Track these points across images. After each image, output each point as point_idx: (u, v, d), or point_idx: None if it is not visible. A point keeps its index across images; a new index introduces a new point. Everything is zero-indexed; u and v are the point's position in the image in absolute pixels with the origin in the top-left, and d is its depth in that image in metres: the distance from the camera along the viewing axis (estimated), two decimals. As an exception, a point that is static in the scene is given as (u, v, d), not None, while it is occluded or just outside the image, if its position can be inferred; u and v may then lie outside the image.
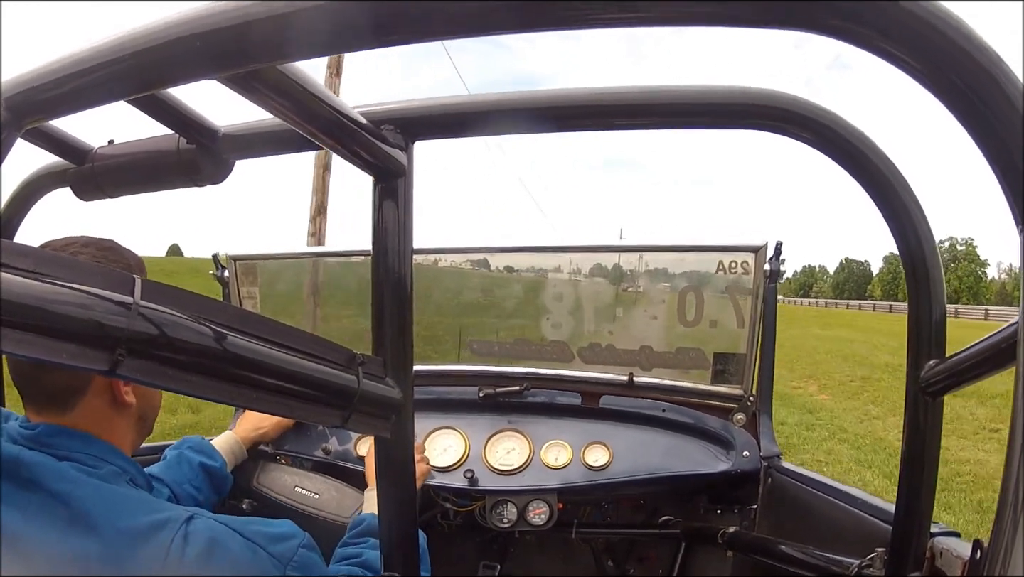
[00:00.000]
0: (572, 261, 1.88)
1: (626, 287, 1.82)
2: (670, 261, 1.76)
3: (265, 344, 0.49)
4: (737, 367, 1.63)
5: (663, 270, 1.78)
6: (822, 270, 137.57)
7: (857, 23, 0.39)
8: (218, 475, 1.33)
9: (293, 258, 2.02)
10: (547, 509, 1.56)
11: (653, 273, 1.79)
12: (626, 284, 1.82)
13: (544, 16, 0.43)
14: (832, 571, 1.07)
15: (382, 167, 0.68)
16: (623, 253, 1.82)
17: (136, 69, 0.48)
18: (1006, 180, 0.41)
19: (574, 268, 1.87)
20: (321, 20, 0.43)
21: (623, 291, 1.82)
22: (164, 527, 0.71)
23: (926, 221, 0.73)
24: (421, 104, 0.72)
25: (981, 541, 0.80)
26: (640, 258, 1.79)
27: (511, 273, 2.01)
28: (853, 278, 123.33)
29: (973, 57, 0.39)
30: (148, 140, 0.81)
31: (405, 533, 0.74)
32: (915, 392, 0.79)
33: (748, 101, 0.68)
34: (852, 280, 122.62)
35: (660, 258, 1.77)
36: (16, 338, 0.37)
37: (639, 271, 1.80)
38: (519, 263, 2.00)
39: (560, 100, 0.71)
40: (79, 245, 0.82)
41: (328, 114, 0.61)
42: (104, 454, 0.78)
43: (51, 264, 0.40)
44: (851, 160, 0.70)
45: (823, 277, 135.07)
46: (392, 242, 0.68)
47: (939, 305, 0.76)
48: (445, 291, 1.97)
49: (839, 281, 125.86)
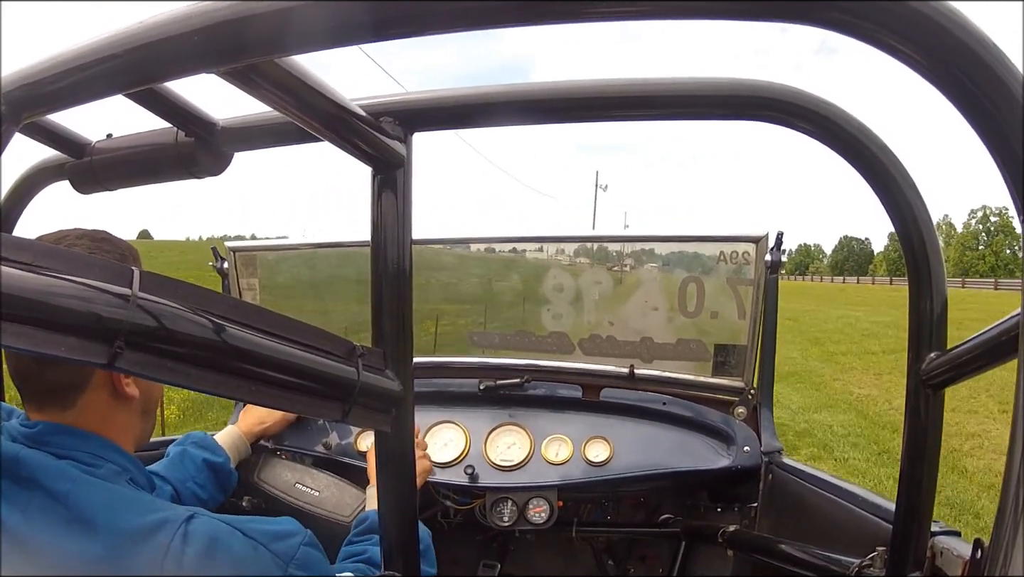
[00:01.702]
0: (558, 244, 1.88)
1: (611, 266, 1.82)
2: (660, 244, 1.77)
3: (265, 336, 0.49)
4: (738, 359, 1.63)
5: (649, 250, 1.79)
6: (817, 249, 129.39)
7: (859, 17, 0.39)
8: (222, 472, 1.32)
9: (293, 249, 2.02)
10: (547, 507, 1.56)
11: (638, 254, 1.80)
12: (611, 263, 1.82)
13: (541, 11, 0.43)
14: (832, 571, 1.07)
15: (381, 159, 0.68)
16: (626, 244, 1.81)
17: (134, 63, 0.47)
18: (1008, 170, 0.41)
19: (558, 248, 1.87)
20: (319, 14, 0.43)
21: (609, 270, 1.82)
22: (163, 527, 0.70)
23: (927, 214, 0.73)
24: (420, 96, 0.72)
25: (982, 540, 0.80)
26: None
27: (490, 254, 2.01)
28: (853, 257, 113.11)
29: (974, 50, 0.39)
30: (146, 133, 0.81)
31: (405, 529, 0.74)
32: (916, 384, 0.79)
33: (749, 93, 0.68)
34: (852, 259, 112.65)
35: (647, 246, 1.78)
36: (15, 332, 0.37)
37: (624, 252, 1.81)
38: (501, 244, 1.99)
39: (561, 92, 0.71)
40: (73, 237, 0.81)
41: (326, 106, 0.61)
42: (104, 452, 0.77)
43: (50, 257, 0.40)
44: (853, 152, 0.70)
45: (819, 256, 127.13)
46: (391, 233, 0.68)
47: (940, 297, 0.76)
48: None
49: (838, 260, 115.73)
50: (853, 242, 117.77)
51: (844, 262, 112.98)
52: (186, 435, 1.34)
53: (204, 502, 1.25)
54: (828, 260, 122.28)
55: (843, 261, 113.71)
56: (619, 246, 1.80)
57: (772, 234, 1.54)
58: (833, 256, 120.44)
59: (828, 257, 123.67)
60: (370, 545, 0.97)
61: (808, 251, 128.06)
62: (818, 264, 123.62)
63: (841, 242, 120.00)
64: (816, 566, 1.13)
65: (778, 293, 1.58)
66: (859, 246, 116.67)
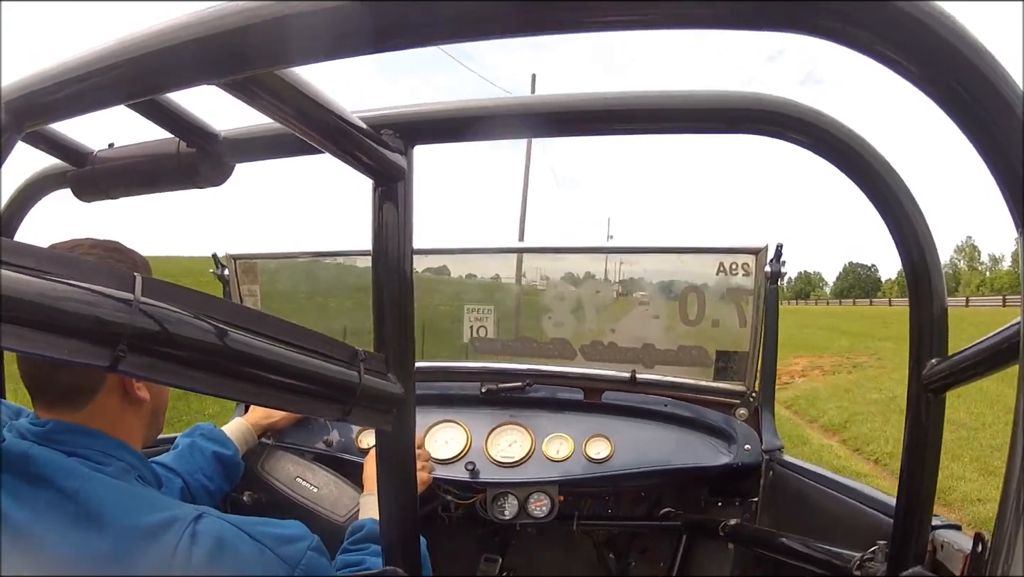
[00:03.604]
0: (539, 269, 1.91)
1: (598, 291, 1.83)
2: (646, 271, 1.79)
3: (267, 340, 0.50)
4: (739, 364, 1.64)
5: (639, 280, 1.80)
6: (817, 276, 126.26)
7: (856, 27, 0.39)
8: (231, 464, 1.34)
9: (293, 257, 2.03)
10: (548, 501, 1.56)
11: (627, 283, 1.81)
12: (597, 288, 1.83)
13: (543, 19, 0.43)
14: (833, 564, 1.07)
15: (382, 171, 0.68)
16: (624, 255, 1.82)
17: (136, 74, 0.48)
18: (1006, 183, 0.41)
19: (541, 276, 1.90)
20: (320, 25, 0.43)
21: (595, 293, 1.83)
22: (172, 526, 0.71)
23: (924, 220, 0.74)
24: (421, 108, 0.73)
25: (982, 534, 0.80)
26: (619, 265, 1.82)
27: (471, 280, 2.02)
28: (860, 284, 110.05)
29: (972, 62, 0.39)
30: (148, 144, 0.81)
31: (406, 529, 0.75)
32: (917, 389, 0.80)
33: (745, 106, 0.68)
34: (859, 287, 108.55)
35: (636, 269, 1.80)
36: (18, 334, 0.38)
37: (614, 281, 1.83)
38: (482, 270, 2.01)
39: (558, 105, 0.71)
40: (86, 247, 0.82)
41: (327, 119, 0.61)
42: (113, 450, 0.78)
43: (52, 262, 0.40)
44: (848, 163, 0.70)
45: (820, 284, 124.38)
46: (392, 244, 0.69)
47: (940, 304, 0.77)
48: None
49: (843, 288, 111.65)
50: (859, 268, 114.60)
51: (849, 290, 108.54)
52: (194, 426, 1.36)
53: (211, 493, 1.27)
54: (831, 288, 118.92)
55: (848, 289, 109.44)
56: (604, 271, 1.81)
57: (772, 246, 1.55)
58: (838, 283, 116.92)
59: (831, 285, 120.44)
60: (367, 555, 0.96)
61: (808, 279, 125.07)
62: (819, 292, 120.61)
63: (846, 269, 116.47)
64: (817, 560, 1.13)
65: (778, 302, 1.59)
66: (865, 272, 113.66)
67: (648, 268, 1.79)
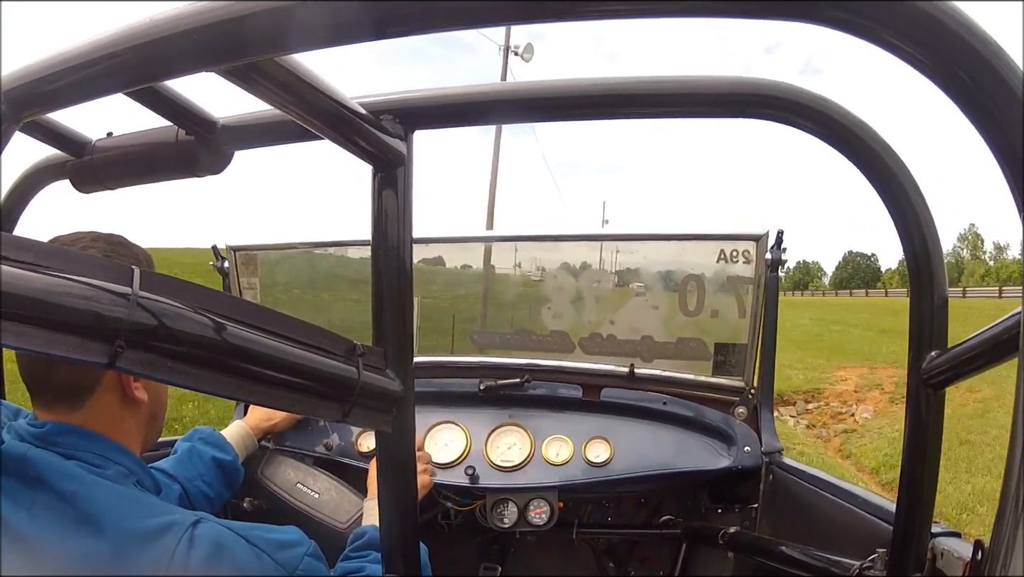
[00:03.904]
0: (536, 260, 1.90)
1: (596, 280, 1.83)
2: (645, 258, 1.78)
3: (265, 335, 0.49)
4: (738, 358, 1.63)
5: (636, 269, 1.79)
6: (815, 265, 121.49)
7: (860, 15, 0.40)
8: (230, 469, 1.31)
9: (293, 248, 2.02)
10: (548, 508, 1.55)
11: (624, 272, 1.80)
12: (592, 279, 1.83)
13: (543, 8, 0.43)
14: (833, 573, 1.07)
15: (381, 157, 0.68)
16: (622, 242, 1.81)
17: (134, 62, 0.48)
18: (1009, 169, 0.41)
19: (537, 267, 1.89)
20: (320, 13, 0.42)
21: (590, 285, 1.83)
22: (170, 530, 0.70)
23: (929, 212, 0.73)
24: (421, 94, 0.72)
25: (982, 541, 0.79)
26: (615, 254, 1.81)
27: (467, 270, 2.02)
28: (859, 273, 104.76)
29: (975, 48, 0.39)
30: (146, 132, 0.81)
31: (407, 534, 0.74)
32: (917, 384, 0.79)
33: (749, 91, 0.68)
34: (858, 277, 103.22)
35: (635, 258, 1.79)
36: (16, 331, 0.37)
37: (610, 271, 1.82)
38: (475, 260, 2.00)
39: (561, 90, 0.71)
40: (88, 240, 0.81)
41: (327, 105, 0.61)
42: (111, 453, 0.77)
43: (51, 256, 0.40)
44: (852, 149, 0.70)
45: (818, 274, 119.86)
46: (392, 231, 0.68)
47: (940, 296, 0.76)
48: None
49: (842, 278, 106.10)
50: (858, 258, 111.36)
51: (849, 280, 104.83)
52: (194, 430, 1.33)
53: (211, 500, 1.24)
54: (830, 278, 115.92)
55: (848, 279, 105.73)
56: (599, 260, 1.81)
57: (772, 232, 1.54)
58: (837, 273, 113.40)
59: (830, 275, 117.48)
60: (368, 562, 0.95)
61: (807, 268, 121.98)
62: (818, 282, 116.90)
63: (845, 258, 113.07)
64: (817, 568, 1.12)
65: (778, 291, 1.58)
66: (865, 262, 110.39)
67: (647, 256, 1.79)
